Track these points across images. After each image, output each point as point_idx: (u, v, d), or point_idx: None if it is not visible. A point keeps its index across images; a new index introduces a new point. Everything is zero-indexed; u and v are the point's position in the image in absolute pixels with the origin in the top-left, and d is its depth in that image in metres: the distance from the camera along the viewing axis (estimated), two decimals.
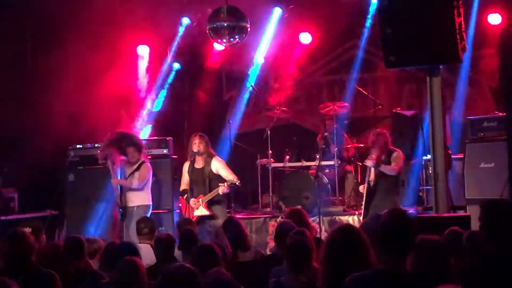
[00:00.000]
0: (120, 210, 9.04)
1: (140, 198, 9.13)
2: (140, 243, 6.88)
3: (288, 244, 4.91)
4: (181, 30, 12.08)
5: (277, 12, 12.07)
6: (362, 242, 3.99)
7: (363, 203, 8.91)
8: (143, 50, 12.06)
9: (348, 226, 4.24)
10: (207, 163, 8.86)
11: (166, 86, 12.29)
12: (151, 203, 9.24)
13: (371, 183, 8.83)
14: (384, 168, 8.74)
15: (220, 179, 8.77)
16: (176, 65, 12.40)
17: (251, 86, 12.02)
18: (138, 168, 9.13)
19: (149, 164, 9.24)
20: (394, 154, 8.99)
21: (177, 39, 12.11)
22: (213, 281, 3.96)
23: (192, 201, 8.83)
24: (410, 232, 3.77)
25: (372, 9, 11.44)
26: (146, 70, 12.09)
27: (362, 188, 9.03)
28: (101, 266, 5.46)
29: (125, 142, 9.27)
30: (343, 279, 3.74)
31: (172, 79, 12.35)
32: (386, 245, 3.72)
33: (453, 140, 10.37)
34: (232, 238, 6.35)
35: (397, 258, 3.68)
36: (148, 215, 8.94)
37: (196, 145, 8.88)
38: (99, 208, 9.91)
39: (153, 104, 12.06)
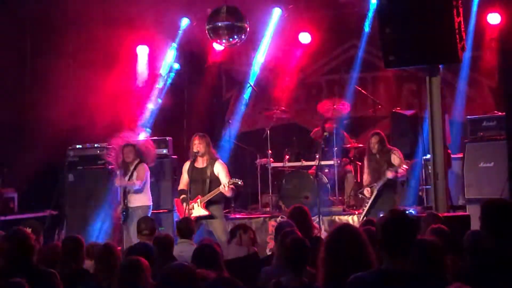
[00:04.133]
0: (123, 211, 9.04)
1: (140, 199, 9.14)
2: None
3: (287, 244, 4.90)
4: (180, 30, 12.08)
5: (276, 12, 12.07)
6: (361, 241, 3.99)
7: (367, 206, 8.99)
8: (142, 50, 12.06)
9: (347, 226, 4.24)
10: (210, 164, 8.84)
11: (166, 86, 12.29)
12: (151, 204, 9.25)
13: (376, 187, 8.95)
14: (401, 175, 9.01)
15: (220, 182, 8.77)
16: (176, 65, 12.39)
17: (251, 85, 12.02)
18: (135, 169, 9.14)
19: (145, 164, 9.24)
20: (395, 155, 9.03)
21: (177, 39, 12.10)
22: (215, 280, 3.96)
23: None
24: (411, 232, 3.77)
25: (372, 9, 11.44)
26: (145, 70, 12.08)
27: (368, 192, 9.08)
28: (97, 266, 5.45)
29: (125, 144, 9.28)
30: (343, 279, 3.74)
31: (172, 79, 12.34)
32: (388, 245, 3.72)
33: (452, 139, 10.37)
34: None
35: (399, 258, 3.68)
36: (149, 215, 8.96)
37: (196, 145, 8.86)
38: (99, 208, 9.90)
39: (153, 104, 12.05)
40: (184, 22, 12.07)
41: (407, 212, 4.22)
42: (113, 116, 10.88)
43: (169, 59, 12.25)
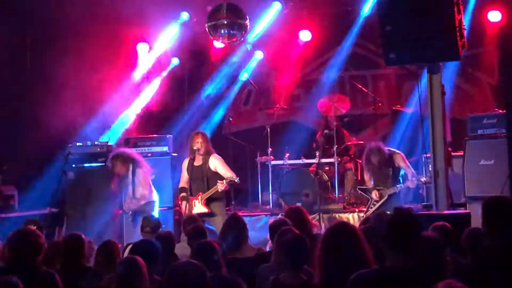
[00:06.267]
0: (133, 214, 9.02)
1: (145, 196, 9.11)
2: None
3: (287, 242, 4.89)
4: (180, 27, 12.07)
5: (276, 7, 12.02)
6: (357, 239, 3.99)
7: (374, 208, 9.06)
8: (142, 48, 12.05)
9: (343, 223, 4.24)
10: (205, 160, 8.83)
11: (166, 83, 12.28)
12: (155, 199, 9.21)
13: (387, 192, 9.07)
14: (411, 184, 9.23)
15: (218, 176, 8.75)
16: (175, 61, 12.38)
17: (251, 83, 12.01)
18: (133, 174, 9.06)
19: (142, 165, 9.19)
20: (397, 158, 9.10)
21: (177, 36, 12.09)
22: (213, 277, 3.96)
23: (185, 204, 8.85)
24: (416, 229, 3.77)
25: (372, 6, 11.43)
26: (145, 68, 12.07)
27: (376, 195, 9.14)
28: (97, 264, 5.45)
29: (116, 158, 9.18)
30: (340, 276, 3.74)
31: (172, 76, 12.33)
32: (393, 242, 3.71)
33: (452, 137, 10.36)
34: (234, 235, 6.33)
35: (404, 255, 3.67)
36: (154, 210, 9.00)
37: (199, 143, 8.85)
38: (99, 205, 9.90)
39: (153, 101, 12.05)
40: (184, 18, 12.05)
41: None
42: (113, 114, 10.88)
43: (169, 57, 12.24)
